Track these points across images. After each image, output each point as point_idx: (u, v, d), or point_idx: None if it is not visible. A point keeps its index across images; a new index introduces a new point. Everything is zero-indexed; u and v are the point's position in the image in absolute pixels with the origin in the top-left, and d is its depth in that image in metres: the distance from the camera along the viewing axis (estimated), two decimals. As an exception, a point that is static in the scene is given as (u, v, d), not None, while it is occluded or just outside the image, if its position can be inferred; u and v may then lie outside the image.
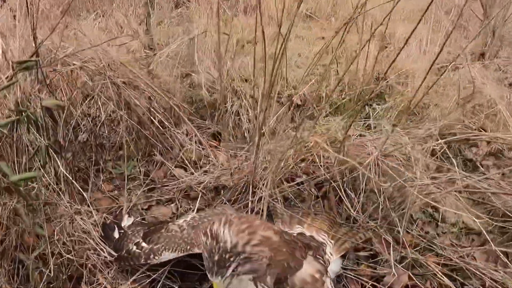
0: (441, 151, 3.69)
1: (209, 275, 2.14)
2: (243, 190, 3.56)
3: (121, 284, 2.96)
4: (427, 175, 3.41)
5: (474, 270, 3.06)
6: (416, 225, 3.52)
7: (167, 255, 2.79)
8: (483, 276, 3.03)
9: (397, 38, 5.44)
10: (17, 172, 3.01)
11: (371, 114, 4.33)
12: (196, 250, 2.72)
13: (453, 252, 3.23)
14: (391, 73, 4.53)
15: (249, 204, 3.46)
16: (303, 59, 5.29)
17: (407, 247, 3.24)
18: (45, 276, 2.94)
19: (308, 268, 2.44)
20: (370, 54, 4.49)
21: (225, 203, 3.56)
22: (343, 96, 4.38)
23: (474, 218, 2.97)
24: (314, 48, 5.26)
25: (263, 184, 3.48)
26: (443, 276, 2.99)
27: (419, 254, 3.22)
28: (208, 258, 2.11)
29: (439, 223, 3.58)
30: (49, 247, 2.98)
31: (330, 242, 3.06)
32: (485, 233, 3.02)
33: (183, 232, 2.86)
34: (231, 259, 2.08)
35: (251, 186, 3.49)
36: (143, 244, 2.91)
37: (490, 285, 2.97)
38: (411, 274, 3.05)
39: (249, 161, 3.57)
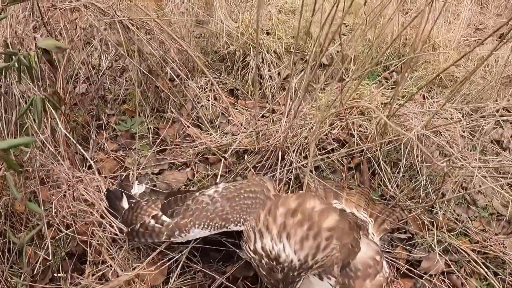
0: (493, 130, 3.15)
1: None
2: (270, 157, 2.90)
3: (133, 267, 2.31)
4: (475, 156, 2.85)
5: (509, 260, 2.70)
6: (450, 208, 3.03)
7: (196, 232, 2.15)
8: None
9: (419, 4, 4.72)
10: (5, 131, 2.27)
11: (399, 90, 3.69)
12: (233, 227, 2.13)
13: (486, 239, 2.83)
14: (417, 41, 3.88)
15: (277, 173, 2.82)
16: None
17: (445, 231, 2.82)
18: (41, 252, 2.31)
19: (368, 250, 2.00)
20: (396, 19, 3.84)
21: (249, 170, 2.89)
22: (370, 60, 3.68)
23: None
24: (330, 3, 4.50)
25: (293, 151, 2.82)
26: (481, 264, 2.63)
27: (455, 239, 2.79)
28: (266, 276, 1.66)
29: (470, 206, 3.12)
30: (45, 220, 2.35)
31: (371, 220, 2.59)
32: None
33: (216, 205, 2.20)
34: (302, 274, 1.62)
35: (280, 152, 2.83)
36: (164, 218, 2.24)
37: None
38: (448, 261, 2.66)
39: (279, 123, 2.88)
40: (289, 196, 1.81)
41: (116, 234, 2.36)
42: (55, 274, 2.34)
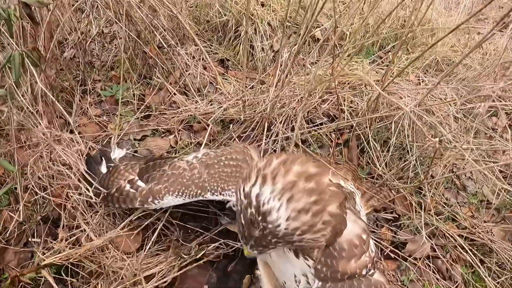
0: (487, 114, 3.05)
1: (241, 240, 1.46)
2: (256, 127, 2.81)
3: (107, 232, 2.23)
4: (467, 138, 2.76)
5: (497, 248, 2.63)
6: (439, 191, 2.95)
7: (170, 200, 2.02)
8: (504, 256, 2.62)
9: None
10: (-20, 89, 2.18)
11: (395, 62, 3.58)
12: (209, 196, 2.00)
13: (475, 226, 2.76)
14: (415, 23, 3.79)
15: (263, 144, 2.72)
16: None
17: (433, 214, 2.74)
18: (16, 216, 2.20)
19: (354, 228, 1.76)
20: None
21: (234, 140, 2.80)
22: (366, 38, 3.57)
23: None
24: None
25: (280, 122, 2.73)
26: (468, 250, 2.57)
27: (443, 223, 2.71)
28: (243, 226, 1.40)
29: (460, 191, 3.05)
30: (20, 182, 2.22)
31: (358, 192, 2.43)
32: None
33: (194, 171, 2.06)
34: (279, 244, 1.38)
35: (267, 123, 2.74)
36: (139, 183, 2.11)
37: (512, 268, 2.57)
38: (434, 245, 2.60)
39: (267, 93, 2.78)
40: (309, 158, 1.54)
41: (92, 198, 2.26)
42: (30, 239, 2.25)
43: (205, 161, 2.10)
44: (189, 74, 3.15)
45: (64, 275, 2.11)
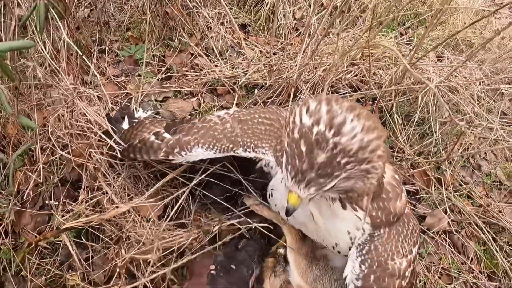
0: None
1: (289, 183, 1.23)
2: (281, 93, 2.63)
3: (129, 196, 2.04)
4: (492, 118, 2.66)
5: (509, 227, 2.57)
6: (457, 169, 2.83)
7: (199, 152, 1.80)
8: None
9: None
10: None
11: (415, 39, 3.44)
12: (241, 152, 1.80)
13: (489, 204, 2.69)
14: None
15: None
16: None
17: (451, 190, 2.65)
18: (32, 178, 2.02)
19: (388, 171, 1.65)
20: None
21: (259, 105, 2.62)
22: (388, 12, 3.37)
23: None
24: None
25: (307, 89, 2.57)
26: (482, 228, 2.50)
27: (460, 200, 2.63)
28: (301, 156, 1.18)
29: (474, 170, 2.95)
30: (38, 141, 2.05)
31: None
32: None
33: (226, 125, 1.85)
34: (347, 166, 1.18)
35: (293, 89, 2.55)
36: (166, 134, 1.90)
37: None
38: (450, 222, 2.52)
39: (294, 59, 2.59)
40: None
41: (115, 158, 2.07)
42: (47, 201, 2.08)
43: (237, 116, 1.91)
44: (211, 37, 2.93)
45: (83, 239, 1.95)
